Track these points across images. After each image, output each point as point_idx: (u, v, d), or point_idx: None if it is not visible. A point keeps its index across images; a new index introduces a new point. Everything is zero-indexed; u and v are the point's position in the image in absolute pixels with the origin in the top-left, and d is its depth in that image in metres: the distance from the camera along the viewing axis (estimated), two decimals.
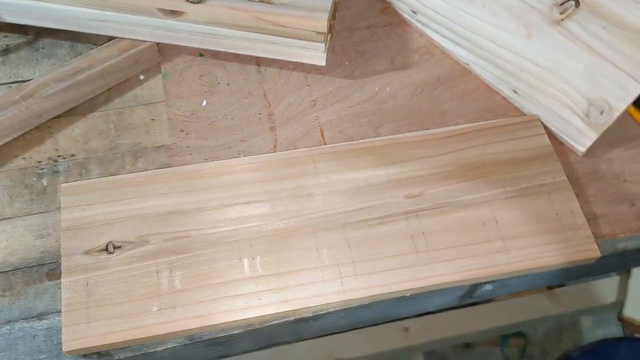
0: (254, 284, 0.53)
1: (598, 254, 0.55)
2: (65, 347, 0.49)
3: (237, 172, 0.58)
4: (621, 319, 1.18)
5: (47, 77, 0.60)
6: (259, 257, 0.54)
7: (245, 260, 0.54)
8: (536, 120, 0.63)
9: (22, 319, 0.52)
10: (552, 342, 1.55)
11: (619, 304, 1.27)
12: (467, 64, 0.67)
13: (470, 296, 0.60)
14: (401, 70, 0.67)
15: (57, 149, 0.61)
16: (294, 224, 0.56)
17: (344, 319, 0.57)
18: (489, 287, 0.58)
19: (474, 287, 0.57)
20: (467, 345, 1.51)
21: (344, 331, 0.60)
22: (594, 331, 1.56)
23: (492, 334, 1.37)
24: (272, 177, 0.58)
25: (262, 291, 0.52)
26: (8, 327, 0.52)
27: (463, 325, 1.21)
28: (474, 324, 1.24)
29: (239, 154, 0.61)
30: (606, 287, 1.26)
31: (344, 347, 1.07)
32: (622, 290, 1.23)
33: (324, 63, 0.62)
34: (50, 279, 0.54)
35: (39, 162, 0.60)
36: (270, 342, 0.58)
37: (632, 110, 0.65)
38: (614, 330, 1.55)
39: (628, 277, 1.23)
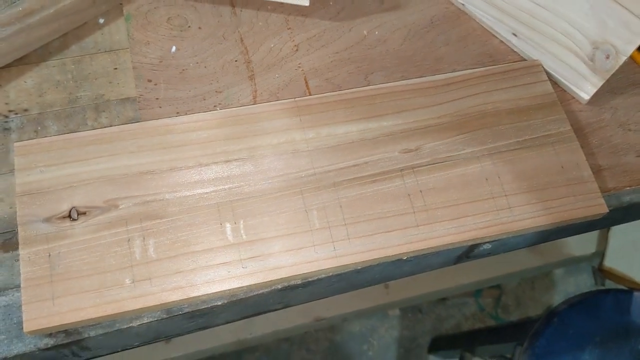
0: (238, 251, 0.47)
1: (606, 209, 0.52)
2: (27, 327, 0.44)
3: (214, 127, 0.52)
4: (602, 270, 1.18)
5: None
6: (242, 221, 0.49)
7: (227, 225, 0.48)
8: (538, 66, 0.58)
9: None
10: (526, 291, 1.56)
11: (597, 255, 1.27)
12: (463, 4, 0.61)
13: (467, 256, 0.56)
14: (392, 11, 0.61)
15: (7, 103, 0.53)
16: (279, 184, 0.50)
17: (336, 284, 0.53)
18: (487, 246, 0.54)
19: (473, 247, 0.53)
20: (442, 298, 1.51)
21: (332, 296, 0.56)
22: (566, 280, 1.58)
23: (469, 288, 1.37)
24: (253, 131, 0.52)
25: (246, 258, 0.47)
26: None
27: (442, 281, 1.20)
28: (453, 279, 1.22)
29: (215, 106, 0.55)
30: (585, 239, 1.25)
31: (323, 306, 1.04)
32: (601, 241, 1.22)
33: (307, 3, 0.55)
34: (6, 251, 0.48)
35: None
36: (255, 311, 0.53)
37: (636, 54, 0.61)
38: (585, 278, 1.57)
39: (608, 229, 1.22)
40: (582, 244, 1.29)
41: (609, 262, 1.16)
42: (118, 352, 0.52)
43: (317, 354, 1.43)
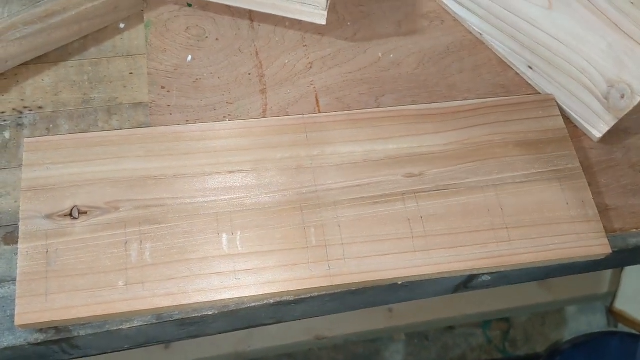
0: (232, 262, 0.48)
1: (609, 250, 0.51)
2: (18, 321, 0.44)
3: (222, 138, 0.53)
4: (612, 312, 1.15)
5: (15, 18, 0.53)
6: (239, 233, 0.49)
7: (224, 236, 0.48)
8: (551, 100, 0.57)
9: None
10: (536, 327, 1.53)
11: (609, 295, 1.24)
12: (480, 34, 0.61)
13: (466, 286, 0.55)
14: (408, 36, 0.61)
15: (23, 100, 0.55)
16: (280, 199, 0.50)
17: (329, 304, 0.52)
18: (486, 277, 0.54)
19: (472, 277, 0.53)
20: (450, 326, 1.49)
21: (325, 315, 0.55)
22: (578, 318, 1.54)
23: (477, 318, 1.35)
24: (259, 145, 0.53)
25: (240, 270, 0.47)
26: None
27: (448, 309, 1.18)
28: (460, 308, 1.20)
29: (225, 117, 0.55)
30: (598, 278, 1.23)
31: (325, 325, 1.03)
32: (614, 282, 1.20)
33: (324, 22, 0.56)
34: (7, 243, 0.49)
35: (2, 112, 0.54)
36: (247, 324, 0.53)
37: None
38: (598, 318, 1.53)
39: (621, 270, 1.20)
40: (595, 283, 1.26)
41: (620, 305, 1.13)
42: (108, 353, 0.52)
43: None
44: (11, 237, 0.49)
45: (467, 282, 0.54)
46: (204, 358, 1.01)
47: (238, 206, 0.50)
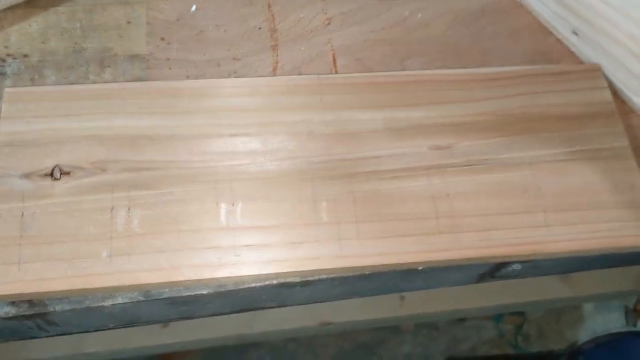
0: (232, 236, 0.42)
1: None
2: None
3: (225, 96, 0.47)
4: (637, 310, 1.09)
5: None
6: (240, 204, 0.43)
7: (223, 206, 0.43)
8: (597, 70, 0.51)
9: None
10: (550, 323, 1.47)
11: (632, 293, 1.18)
12: None
13: (492, 276, 0.50)
14: None
15: (7, 46, 0.49)
16: (288, 167, 0.45)
17: (337, 288, 0.47)
18: (517, 267, 0.48)
19: (500, 265, 0.47)
20: (461, 318, 1.44)
21: (332, 300, 0.50)
22: (594, 316, 1.49)
23: (491, 311, 1.29)
24: (267, 106, 0.47)
25: (240, 246, 0.42)
26: None
27: (462, 300, 1.12)
28: (475, 299, 1.14)
29: (230, 74, 0.49)
30: (624, 274, 1.16)
31: (331, 310, 0.98)
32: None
33: None
34: None
35: None
36: (245, 306, 0.48)
37: None
38: (615, 317, 1.47)
39: None
40: (617, 279, 1.20)
41: None
42: (91, 331, 0.47)
43: (323, 358, 1.38)
44: None
45: (494, 271, 0.48)
46: (204, 339, 0.96)
47: (240, 174, 0.44)
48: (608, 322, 1.47)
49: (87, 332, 0.47)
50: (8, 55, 0.49)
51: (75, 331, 0.46)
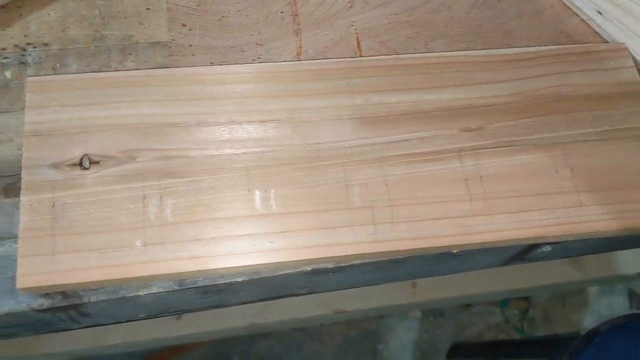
0: (266, 223, 0.41)
1: None
2: (20, 283, 0.38)
3: (252, 82, 0.46)
4: None
5: None
6: (273, 190, 0.43)
7: (257, 193, 0.42)
8: (624, 50, 0.51)
9: None
10: (556, 307, 1.48)
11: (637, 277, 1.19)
12: None
13: (522, 258, 0.49)
14: None
15: (26, 35, 0.48)
16: (318, 153, 0.44)
17: (369, 274, 0.47)
18: (547, 248, 0.47)
19: (531, 247, 0.47)
20: (467, 304, 1.44)
21: (362, 287, 0.50)
22: (599, 299, 1.50)
23: (497, 297, 1.30)
24: (294, 92, 0.46)
25: (275, 232, 0.41)
26: None
27: (472, 285, 1.12)
28: (481, 285, 1.14)
29: (253, 59, 0.49)
30: (629, 257, 1.17)
31: (345, 298, 0.98)
32: None
33: None
34: (8, 196, 0.43)
35: (3, 49, 0.47)
36: (276, 294, 0.48)
37: None
38: (620, 301, 1.49)
39: None
40: (623, 262, 1.20)
41: None
42: (122, 322, 0.47)
43: (331, 347, 1.38)
44: (12, 189, 0.43)
45: (524, 253, 0.48)
46: (218, 330, 0.96)
47: (271, 160, 0.43)
48: (613, 305, 1.48)
49: (117, 323, 0.46)
50: (28, 44, 0.48)
51: (107, 322, 0.46)
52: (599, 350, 0.77)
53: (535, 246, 0.47)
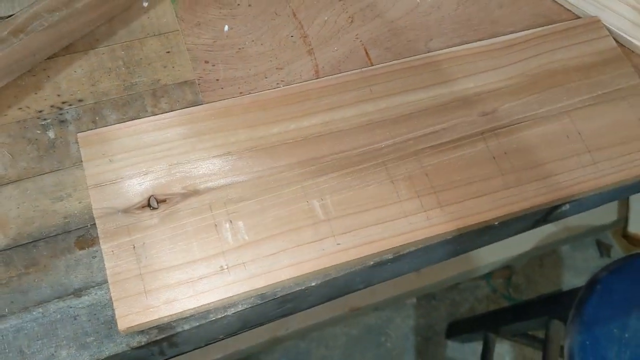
0: (330, 227, 0.45)
1: None
2: (122, 325, 0.41)
3: (284, 104, 0.50)
4: (626, 236, 1.18)
5: (38, 6, 0.48)
6: (328, 197, 0.46)
7: (315, 202, 0.46)
8: (598, 22, 0.57)
9: (56, 298, 0.43)
10: (535, 270, 1.56)
11: (619, 222, 1.27)
12: None
13: (545, 220, 0.55)
14: None
15: (59, 95, 0.50)
16: (360, 157, 0.48)
17: (416, 259, 0.51)
18: (566, 207, 0.53)
19: (553, 208, 0.52)
20: (455, 283, 1.50)
21: (412, 272, 0.54)
22: (572, 254, 1.58)
23: (481, 272, 1.36)
24: (323, 106, 0.50)
25: (340, 234, 0.45)
26: (40, 309, 0.43)
27: (461, 265, 1.18)
28: (465, 264, 1.20)
29: (277, 83, 0.52)
30: (595, 211, 1.25)
31: (355, 295, 1.02)
32: (622, 208, 1.23)
33: None
34: (82, 248, 0.45)
35: (40, 111, 0.49)
36: (338, 293, 0.51)
37: None
38: (591, 252, 1.58)
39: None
40: (590, 217, 1.29)
41: (634, 227, 1.16)
42: (202, 347, 0.49)
43: (337, 349, 1.41)
44: (84, 241, 0.45)
45: (547, 215, 0.54)
46: (241, 350, 0.98)
47: (320, 171, 0.47)
48: (586, 257, 1.58)
49: (197, 348, 0.49)
50: (63, 102, 0.50)
51: (188, 350, 0.48)
52: (602, 295, 0.84)
53: (557, 207, 0.52)
